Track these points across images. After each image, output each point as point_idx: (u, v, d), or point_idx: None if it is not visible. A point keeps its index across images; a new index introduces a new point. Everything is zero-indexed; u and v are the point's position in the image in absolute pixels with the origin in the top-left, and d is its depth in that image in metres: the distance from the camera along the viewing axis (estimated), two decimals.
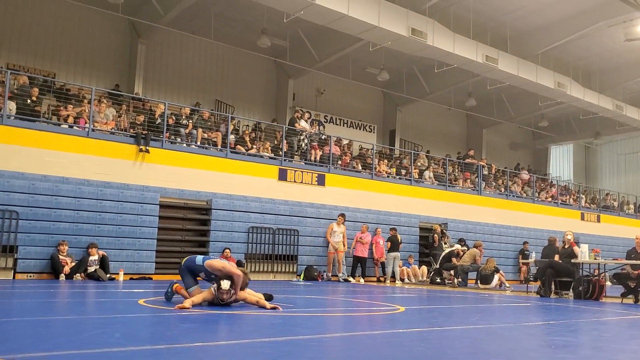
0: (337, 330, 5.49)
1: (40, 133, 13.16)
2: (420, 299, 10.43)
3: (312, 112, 21.59)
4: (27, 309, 6.42)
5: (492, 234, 21.59)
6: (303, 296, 10.00)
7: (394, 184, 19.58)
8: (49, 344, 3.87)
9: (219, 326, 5.51)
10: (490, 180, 23.78)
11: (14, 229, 12.29)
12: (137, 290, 9.30)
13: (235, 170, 15.88)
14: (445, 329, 5.67)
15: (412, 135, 27.08)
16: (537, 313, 8.40)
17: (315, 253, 16.89)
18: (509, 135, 31.80)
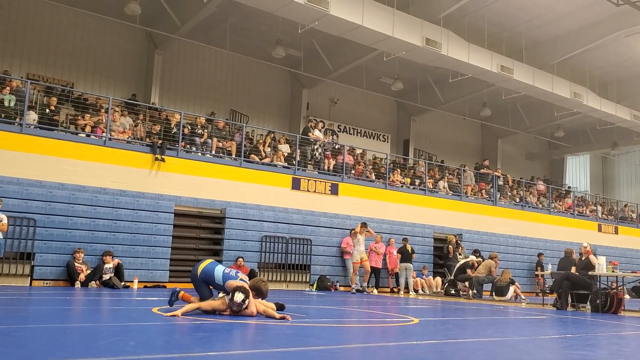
0: (351, 341, 5.47)
1: (58, 142, 13.32)
2: (434, 311, 10.36)
3: (325, 122, 21.64)
4: (43, 315, 6.47)
5: (508, 245, 21.41)
6: (316, 306, 9.97)
7: (407, 194, 19.53)
8: (65, 351, 3.90)
9: (232, 335, 5.51)
10: (506, 190, 23.62)
11: (31, 236, 12.42)
12: (151, 299, 9.34)
13: (249, 179, 15.94)
14: (460, 342, 5.63)
15: (426, 145, 27.03)
16: (553, 326, 8.31)
17: (328, 263, 16.87)
18: (525, 146, 31.61)
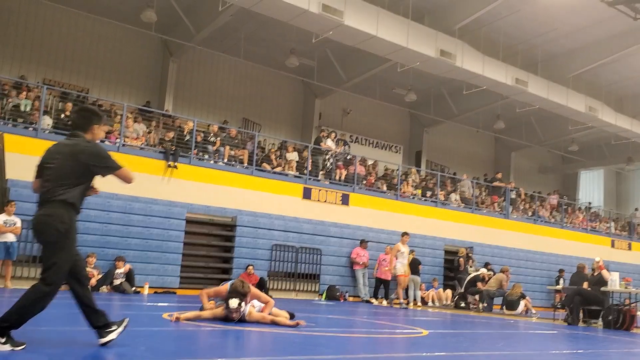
0: (360, 351, 5.45)
1: None
2: (444, 323, 10.29)
3: (338, 132, 21.67)
4: (54, 319, 6.50)
5: (519, 259, 21.24)
6: (325, 315, 9.95)
7: (419, 206, 19.47)
8: (76, 355, 3.92)
9: (241, 342, 5.51)
10: (519, 204, 23.48)
11: None
12: (162, 304, 9.36)
13: (260, 187, 15.97)
14: (470, 355, 5.58)
15: (439, 156, 26.94)
16: (565, 341, 8.22)
17: (337, 273, 16.82)
18: (538, 159, 31.40)
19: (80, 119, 4.38)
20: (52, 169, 4.11)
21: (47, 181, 4.11)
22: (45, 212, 4.03)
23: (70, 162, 4.14)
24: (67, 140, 4.34)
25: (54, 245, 4.00)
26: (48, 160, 4.19)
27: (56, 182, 4.08)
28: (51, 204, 4.04)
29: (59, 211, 4.04)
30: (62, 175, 4.10)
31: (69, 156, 4.15)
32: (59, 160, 4.13)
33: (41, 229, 4.00)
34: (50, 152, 4.27)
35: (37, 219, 4.05)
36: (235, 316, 6.75)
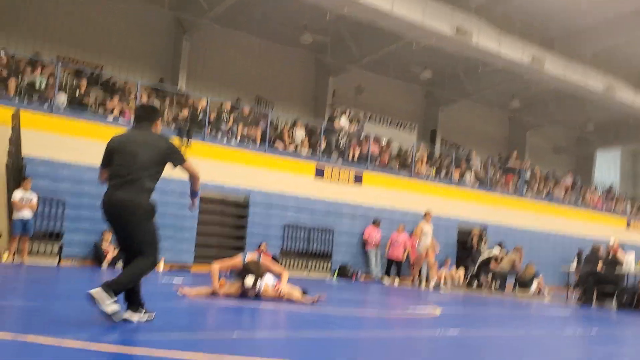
0: (373, 329, 5.47)
1: (87, 124, 13.50)
2: (456, 303, 10.31)
3: (351, 110, 21.54)
4: (72, 293, 6.60)
5: (533, 239, 21.12)
6: (337, 294, 10.00)
7: (433, 185, 19.38)
8: (96, 329, 3.97)
9: (254, 319, 5.55)
10: (533, 184, 23.31)
11: (60, 216, 12.64)
12: (176, 281, 9.44)
13: (273, 166, 15.97)
14: (483, 335, 5.59)
15: (454, 135, 26.71)
16: (578, 322, 8.20)
17: (349, 252, 16.85)
18: (553, 139, 31.06)
19: (147, 113, 4.73)
20: (133, 156, 4.41)
21: (126, 166, 4.39)
22: (131, 196, 4.32)
23: (150, 151, 4.45)
24: (138, 131, 4.63)
25: (141, 225, 4.35)
26: (123, 148, 4.47)
27: (138, 169, 4.39)
28: (134, 189, 4.35)
29: (143, 196, 4.38)
30: (142, 162, 4.40)
31: (148, 146, 4.47)
32: (140, 149, 4.43)
33: (126, 212, 4.31)
34: (123, 141, 4.55)
35: (123, 203, 4.32)
36: (251, 293, 6.80)
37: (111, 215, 4.42)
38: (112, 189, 4.39)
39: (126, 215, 4.33)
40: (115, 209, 4.35)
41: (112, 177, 4.45)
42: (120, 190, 4.34)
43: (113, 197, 4.35)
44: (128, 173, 4.37)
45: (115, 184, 4.40)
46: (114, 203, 4.34)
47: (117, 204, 4.33)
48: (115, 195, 4.34)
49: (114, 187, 4.39)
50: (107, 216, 4.45)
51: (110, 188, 4.43)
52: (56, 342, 3.39)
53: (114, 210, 4.37)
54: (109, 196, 4.38)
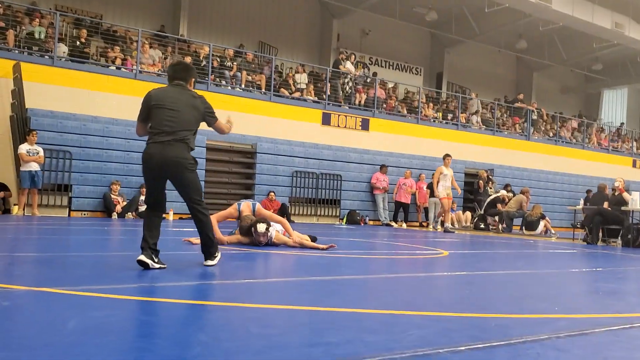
0: (382, 271, 5.57)
1: (90, 75, 13.40)
2: (463, 244, 10.43)
3: (356, 54, 21.22)
4: (84, 245, 6.72)
5: (540, 180, 21.19)
6: (346, 239, 10.13)
7: (440, 129, 19.29)
8: (108, 278, 4.06)
9: (266, 265, 5.65)
10: (539, 125, 23.15)
11: (68, 168, 12.72)
12: (187, 229, 9.57)
13: (279, 114, 15.90)
14: (490, 274, 5.68)
15: (460, 78, 26.40)
16: (583, 260, 8.31)
17: (357, 198, 16.97)
18: (560, 79, 30.67)
19: (183, 72, 4.83)
20: (177, 114, 4.57)
21: (172, 124, 4.54)
22: (183, 154, 4.53)
23: (192, 110, 4.66)
24: (177, 88, 4.73)
25: (191, 178, 4.62)
26: (164, 105, 4.58)
27: (183, 128, 4.57)
28: (183, 146, 4.55)
29: (187, 153, 4.58)
30: (187, 121, 4.61)
31: (189, 105, 4.66)
32: (183, 108, 4.61)
33: (178, 170, 4.54)
34: (163, 97, 4.63)
35: (175, 160, 4.50)
36: (262, 240, 6.87)
37: (159, 170, 4.54)
38: (160, 145, 4.51)
39: (178, 171, 4.55)
40: (166, 165, 4.51)
41: (157, 133, 4.56)
42: (170, 147, 4.50)
43: (164, 153, 4.48)
44: (174, 131, 4.53)
45: (162, 140, 4.52)
46: (165, 160, 4.49)
47: (169, 161, 4.49)
48: (166, 151, 4.49)
49: (162, 143, 4.51)
50: (154, 171, 4.56)
51: (156, 143, 4.53)
52: (70, 292, 3.48)
53: (163, 165, 4.51)
54: (159, 152, 4.49)
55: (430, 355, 2.30)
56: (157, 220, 4.67)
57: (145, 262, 4.39)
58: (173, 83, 4.78)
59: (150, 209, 4.71)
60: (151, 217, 4.66)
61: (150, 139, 4.58)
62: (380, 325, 2.87)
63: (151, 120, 4.61)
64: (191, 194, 4.67)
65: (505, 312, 3.44)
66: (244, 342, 2.37)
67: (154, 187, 4.66)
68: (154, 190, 4.67)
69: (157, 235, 4.60)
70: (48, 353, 2.08)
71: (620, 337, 2.90)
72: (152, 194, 4.69)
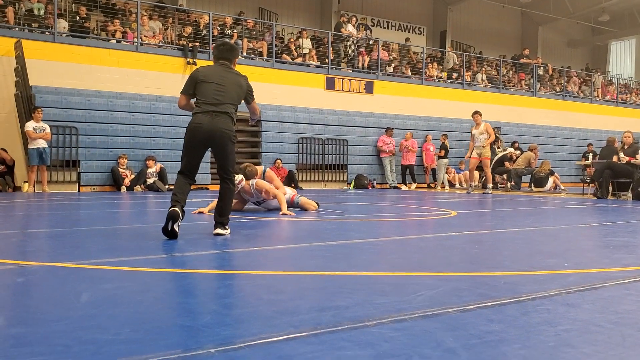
0: (391, 234, 5.59)
1: (91, 49, 13.31)
2: (472, 204, 10.43)
3: (358, 16, 20.91)
4: (94, 219, 6.77)
5: (548, 136, 21.04)
6: (355, 203, 10.15)
7: (445, 89, 19.11)
8: (119, 251, 4.10)
9: (275, 232, 5.69)
10: (546, 80, 22.87)
11: (75, 144, 12.76)
12: (195, 200, 9.63)
13: (282, 80, 15.79)
14: (499, 232, 5.69)
15: (464, 36, 26.03)
16: (593, 214, 8.30)
17: (364, 162, 16.95)
18: (567, 33, 30.16)
19: (228, 53, 5.17)
20: (224, 90, 4.93)
21: (219, 99, 4.90)
22: (228, 126, 4.90)
23: (237, 88, 5.03)
24: (224, 67, 5.09)
25: (232, 150, 4.96)
26: (212, 80, 4.95)
27: (229, 103, 4.94)
28: (228, 120, 4.91)
29: (232, 125, 4.96)
30: (232, 97, 4.99)
31: (235, 83, 5.04)
32: (229, 86, 4.98)
33: (223, 140, 4.87)
34: (210, 74, 5.00)
35: (222, 131, 4.85)
36: (247, 188, 7.24)
37: (206, 138, 4.84)
38: (209, 116, 4.84)
39: (223, 141, 4.87)
40: (213, 135, 4.83)
41: (203, 104, 4.89)
42: (217, 119, 4.85)
43: (212, 123, 4.82)
44: (221, 103, 4.90)
45: (210, 110, 4.86)
46: (213, 129, 4.81)
47: (217, 131, 4.82)
48: (214, 122, 4.83)
49: (210, 114, 4.85)
50: (200, 139, 4.83)
51: (205, 114, 4.85)
52: (82, 266, 3.52)
53: (210, 134, 4.82)
54: (207, 121, 4.82)
55: (440, 315, 2.31)
56: (188, 187, 4.92)
57: (176, 212, 4.61)
58: (219, 62, 5.13)
59: (184, 176, 4.91)
60: (184, 182, 4.89)
61: (198, 110, 4.90)
62: (390, 287, 2.89)
63: (198, 94, 4.94)
64: (228, 164, 4.98)
65: (515, 270, 3.45)
66: (254, 309, 2.39)
67: (194, 155, 4.92)
68: (193, 158, 4.92)
69: (185, 200, 4.84)
70: (63, 326, 2.11)
71: (630, 290, 2.90)
72: (191, 162, 4.92)
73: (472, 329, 2.13)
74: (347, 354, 1.83)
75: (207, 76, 4.98)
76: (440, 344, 1.93)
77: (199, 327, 2.11)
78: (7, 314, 2.35)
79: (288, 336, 2.00)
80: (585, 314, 2.38)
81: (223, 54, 5.16)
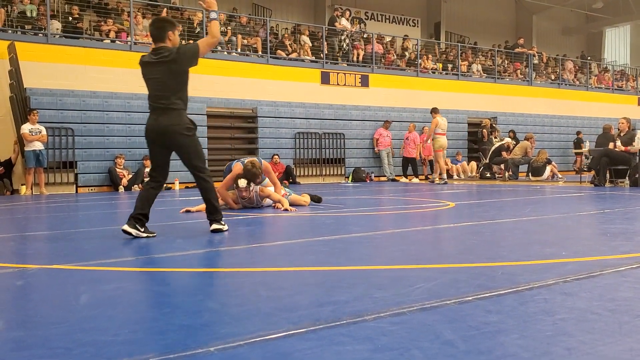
0: (389, 227, 5.60)
1: (85, 50, 13.28)
2: (470, 194, 10.44)
3: (352, 10, 20.86)
4: (92, 220, 6.77)
5: (544, 125, 21.06)
6: (353, 197, 10.16)
7: (440, 80, 19.10)
8: (117, 252, 4.10)
9: (273, 228, 5.69)
10: (541, 69, 22.87)
11: (71, 145, 12.74)
12: (193, 198, 9.63)
13: (277, 76, 15.77)
14: (497, 222, 5.70)
15: (458, 26, 25.99)
16: (591, 202, 8.31)
17: (362, 155, 16.96)
18: (561, 20, 30.13)
19: (157, 30, 4.73)
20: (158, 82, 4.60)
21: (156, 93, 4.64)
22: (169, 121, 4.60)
23: (172, 73, 4.58)
24: (155, 54, 4.65)
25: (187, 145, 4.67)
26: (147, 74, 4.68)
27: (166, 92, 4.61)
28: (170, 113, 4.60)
29: (180, 119, 4.63)
30: (171, 87, 4.62)
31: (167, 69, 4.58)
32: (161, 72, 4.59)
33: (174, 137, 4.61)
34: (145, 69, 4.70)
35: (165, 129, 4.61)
36: (245, 194, 6.94)
37: (157, 139, 4.63)
38: (154, 115, 4.63)
39: (173, 138, 4.59)
40: (161, 134, 4.59)
41: (149, 104, 4.68)
42: (162, 117, 4.58)
43: (157, 122, 4.58)
44: (162, 99, 4.58)
45: (154, 110, 4.64)
46: (160, 129, 4.57)
47: (162, 130, 4.57)
48: (159, 121, 4.57)
49: (156, 112, 4.62)
50: (153, 141, 4.66)
51: (151, 114, 4.67)
52: (81, 267, 3.52)
53: (158, 135, 4.61)
54: (153, 121, 4.61)
55: (438, 307, 2.32)
56: (153, 193, 4.73)
57: (127, 231, 4.52)
58: (153, 48, 4.72)
59: (151, 180, 4.76)
60: (148, 190, 4.72)
61: (149, 110, 4.71)
62: (388, 280, 2.90)
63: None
64: (192, 160, 4.68)
65: (513, 260, 3.46)
66: (254, 306, 2.40)
67: (154, 156, 4.74)
68: (154, 159, 4.76)
69: (148, 207, 4.65)
70: (62, 329, 2.12)
71: (627, 277, 2.92)
72: (155, 162, 4.76)
73: (470, 320, 2.14)
74: (346, 348, 1.84)
75: (144, 72, 4.68)
76: (438, 336, 1.94)
77: (197, 326, 2.12)
78: (6, 317, 2.36)
79: (287, 333, 2.01)
80: (583, 303, 2.39)
81: (154, 37, 4.74)
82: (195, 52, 4.63)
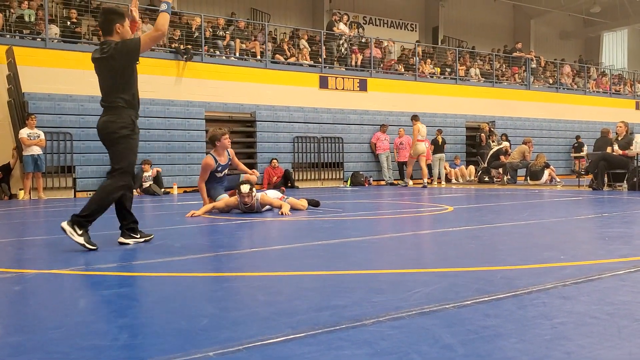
0: (387, 231, 5.59)
1: (83, 54, 13.27)
2: (468, 199, 10.45)
3: (349, 14, 20.90)
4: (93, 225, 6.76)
5: (542, 129, 21.09)
6: (351, 201, 10.15)
7: (438, 84, 19.13)
8: (116, 256, 4.09)
9: (272, 232, 5.69)
10: (539, 73, 22.91)
11: (70, 150, 12.73)
12: (192, 202, 9.62)
13: (276, 80, 15.78)
14: (495, 226, 5.70)
15: (456, 31, 26.05)
16: (589, 206, 8.32)
17: (360, 159, 16.97)
18: (559, 25, 30.21)
19: (103, 26, 4.52)
20: (100, 79, 4.46)
21: (101, 92, 4.48)
22: (104, 120, 4.43)
23: (108, 68, 4.40)
24: (100, 47, 4.47)
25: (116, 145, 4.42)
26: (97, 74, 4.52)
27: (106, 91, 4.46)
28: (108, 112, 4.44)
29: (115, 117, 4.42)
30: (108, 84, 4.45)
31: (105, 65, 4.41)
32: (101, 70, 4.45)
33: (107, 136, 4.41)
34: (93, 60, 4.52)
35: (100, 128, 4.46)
36: (247, 200, 6.93)
37: (100, 139, 4.49)
38: (101, 114, 4.49)
39: (107, 139, 4.40)
40: (100, 135, 4.45)
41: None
42: (102, 117, 4.44)
43: (98, 124, 4.45)
44: (104, 98, 4.44)
45: (102, 108, 4.49)
46: (99, 130, 4.45)
47: (99, 130, 4.43)
48: (99, 122, 4.44)
49: (102, 112, 4.48)
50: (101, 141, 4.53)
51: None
52: (79, 272, 3.52)
53: (99, 135, 4.47)
54: (98, 123, 4.47)
55: (437, 311, 2.32)
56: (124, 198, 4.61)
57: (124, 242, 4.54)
58: (100, 43, 4.52)
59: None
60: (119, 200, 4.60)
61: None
62: (387, 285, 2.90)
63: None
64: (111, 159, 4.46)
65: (511, 264, 3.46)
66: (252, 311, 2.40)
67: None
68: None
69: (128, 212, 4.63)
70: (61, 333, 2.11)
71: (626, 281, 2.92)
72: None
73: (469, 324, 2.14)
74: (345, 353, 1.83)
75: (95, 70, 4.50)
76: (437, 341, 1.94)
77: (196, 331, 2.11)
78: (4, 323, 2.35)
79: (286, 337, 2.00)
80: (581, 306, 2.39)
81: (101, 29, 4.53)
82: (135, 48, 4.37)
